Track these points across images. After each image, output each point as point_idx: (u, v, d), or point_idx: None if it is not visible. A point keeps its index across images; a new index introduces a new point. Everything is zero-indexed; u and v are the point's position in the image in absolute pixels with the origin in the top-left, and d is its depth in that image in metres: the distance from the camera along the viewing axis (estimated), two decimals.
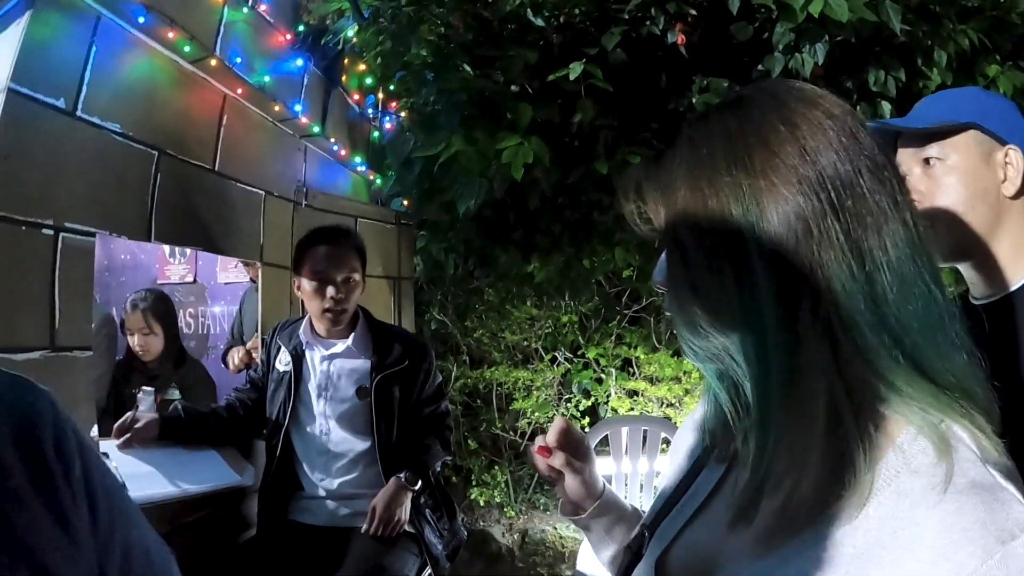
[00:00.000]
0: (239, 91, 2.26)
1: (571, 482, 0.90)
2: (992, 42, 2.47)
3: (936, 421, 0.51)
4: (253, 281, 3.02)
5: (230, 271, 3.41)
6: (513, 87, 2.70)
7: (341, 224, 2.33)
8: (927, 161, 1.11)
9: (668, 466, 0.83)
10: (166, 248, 3.56)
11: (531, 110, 2.55)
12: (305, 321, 2.20)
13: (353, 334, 2.16)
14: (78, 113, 1.79)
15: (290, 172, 2.64)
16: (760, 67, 2.65)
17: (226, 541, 2.23)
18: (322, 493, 2.13)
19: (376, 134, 2.88)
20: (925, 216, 1.07)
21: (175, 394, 2.56)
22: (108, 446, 1.93)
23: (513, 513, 3.68)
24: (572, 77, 2.50)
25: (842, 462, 0.52)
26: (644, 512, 0.92)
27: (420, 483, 2.08)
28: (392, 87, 2.85)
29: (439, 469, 2.29)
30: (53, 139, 1.73)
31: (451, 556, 2.23)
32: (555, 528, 3.52)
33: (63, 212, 1.75)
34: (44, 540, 0.53)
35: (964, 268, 1.14)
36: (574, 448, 0.91)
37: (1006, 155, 1.08)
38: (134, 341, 2.50)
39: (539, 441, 0.91)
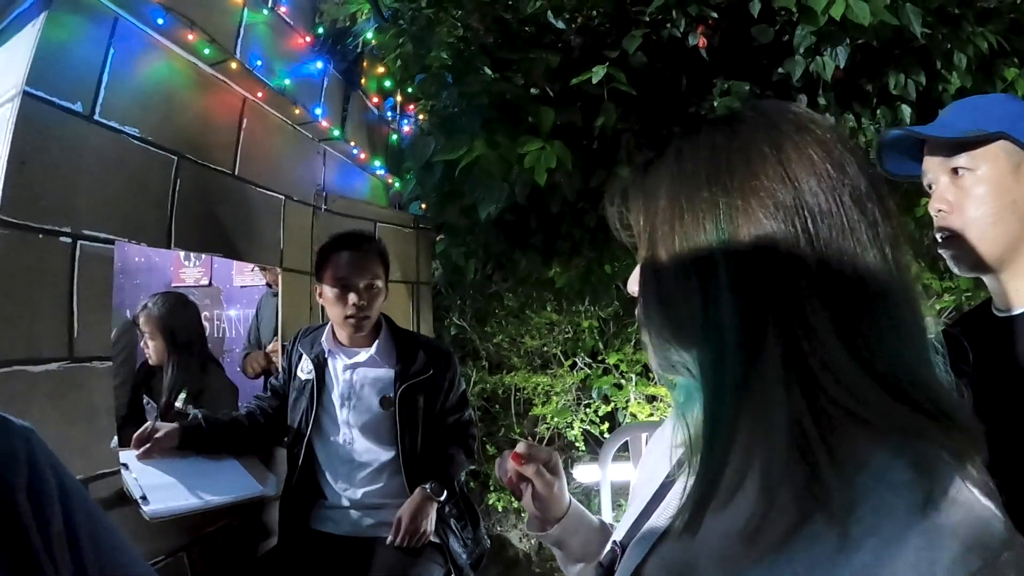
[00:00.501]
0: (259, 94, 2.16)
1: (541, 493, 0.89)
2: (1010, 44, 2.36)
3: (914, 441, 0.50)
4: (270, 285, 2.92)
5: (246, 274, 3.30)
6: (533, 90, 2.59)
7: (364, 230, 2.22)
8: (955, 171, 1.06)
9: (638, 481, 0.80)
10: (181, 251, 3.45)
11: (553, 114, 2.44)
12: (327, 328, 2.09)
13: (376, 342, 2.05)
14: (96, 117, 1.70)
15: (309, 176, 2.53)
16: (780, 70, 2.54)
17: (247, 551, 2.13)
18: (345, 503, 2.03)
19: (394, 137, 2.75)
20: (952, 227, 1.05)
21: (188, 403, 2.44)
22: (128, 456, 1.82)
23: None
24: (595, 80, 2.40)
25: (812, 480, 0.50)
26: (612, 527, 0.92)
27: (445, 494, 1.98)
28: (410, 90, 2.73)
29: (462, 478, 2.19)
30: (70, 144, 1.63)
31: (475, 565, 2.13)
32: None
33: (81, 219, 1.65)
34: None
35: (989, 279, 1.09)
36: (543, 462, 0.90)
37: None
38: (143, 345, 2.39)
39: (518, 448, 0.90)
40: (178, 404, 2.36)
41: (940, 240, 1.07)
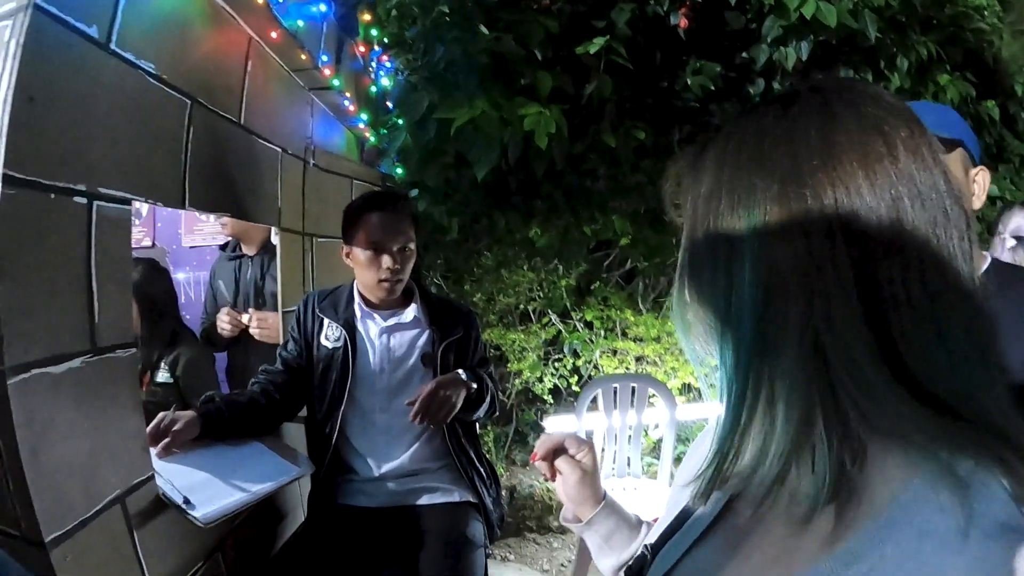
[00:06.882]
0: (272, 35, 1.67)
1: (572, 486, 0.85)
2: (946, 53, 2.53)
3: (959, 458, 0.40)
4: (223, 248, 2.39)
5: (195, 234, 2.69)
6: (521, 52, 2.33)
7: (395, 190, 1.87)
8: None
9: (675, 486, 0.71)
10: None
11: (550, 79, 2.22)
12: (353, 292, 1.75)
13: (414, 304, 1.76)
14: (112, 46, 1.20)
15: (300, 128, 2.05)
16: (745, 55, 2.52)
17: (273, 536, 1.78)
18: (384, 473, 1.74)
19: (374, 89, 2.32)
20: None
21: (165, 376, 1.97)
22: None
23: (502, 470, 3.40)
24: (593, 51, 2.20)
25: (845, 495, 0.43)
26: (645, 521, 0.87)
27: (475, 387, 1.70)
28: (387, 40, 2.31)
29: (485, 418, 1.91)
30: (86, 77, 1.14)
31: (499, 523, 1.96)
32: (543, 483, 3.28)
33: (97, 174, 1.17)
34: None
35: None
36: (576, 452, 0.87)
37: (976, 174, 1.07)
38: None
39: (536, 453, 0.88)
40: (160, 378, 1.88)
41: None
